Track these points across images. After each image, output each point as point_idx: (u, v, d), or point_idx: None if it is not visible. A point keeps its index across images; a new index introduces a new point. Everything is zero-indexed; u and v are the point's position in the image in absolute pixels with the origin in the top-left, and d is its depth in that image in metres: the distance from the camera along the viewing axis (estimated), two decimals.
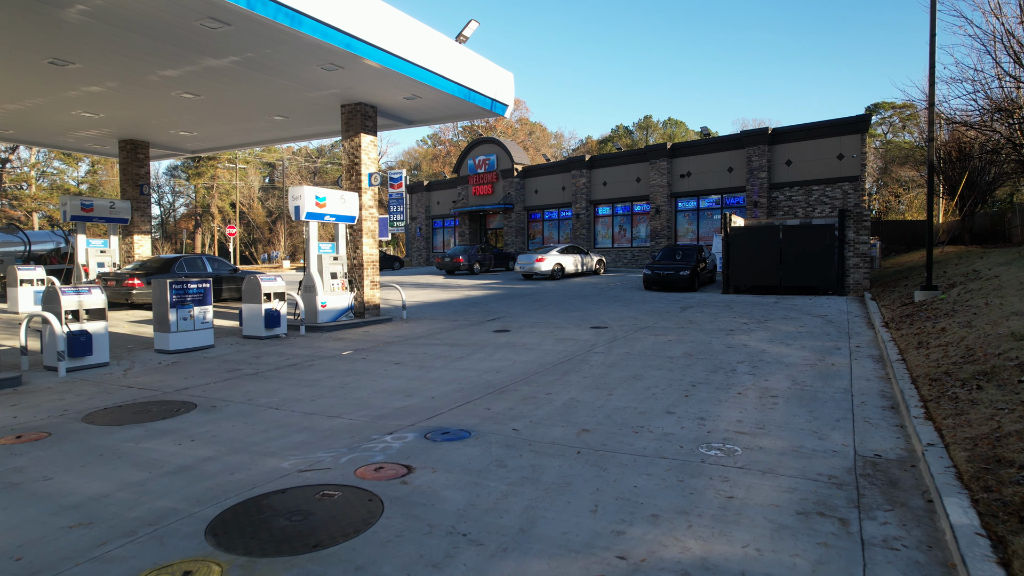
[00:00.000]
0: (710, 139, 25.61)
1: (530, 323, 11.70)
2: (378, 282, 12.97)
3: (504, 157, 33.84)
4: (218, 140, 16.16)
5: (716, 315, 12.18)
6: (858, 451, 4.33)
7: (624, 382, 6.59)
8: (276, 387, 6.81)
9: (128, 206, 15.66)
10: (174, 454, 4.52)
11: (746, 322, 11.13)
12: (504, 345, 9.24)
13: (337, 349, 9.40)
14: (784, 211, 23.30)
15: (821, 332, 9.72)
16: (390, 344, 9.77)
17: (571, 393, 6.15)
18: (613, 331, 10.37)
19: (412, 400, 6.05)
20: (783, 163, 23.44)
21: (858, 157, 21.50)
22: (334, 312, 11.75)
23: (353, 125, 12.51)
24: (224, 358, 8.74)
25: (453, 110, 13.14)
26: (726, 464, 4.10)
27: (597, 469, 4.05)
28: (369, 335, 10.86)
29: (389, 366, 7.90)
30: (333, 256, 11.86)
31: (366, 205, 12.62)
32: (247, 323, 10.62)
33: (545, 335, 10.12)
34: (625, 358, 7.94)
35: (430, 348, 9.23)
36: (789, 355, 7.90)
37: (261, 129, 14.82)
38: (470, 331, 10.90)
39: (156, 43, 8.88)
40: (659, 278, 17.86)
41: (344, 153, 12.70)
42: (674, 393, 6.07)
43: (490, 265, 27.85)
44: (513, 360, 8.03)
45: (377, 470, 4.06)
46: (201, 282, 9.42)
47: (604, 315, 12.59)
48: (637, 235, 28.72)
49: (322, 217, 11.56)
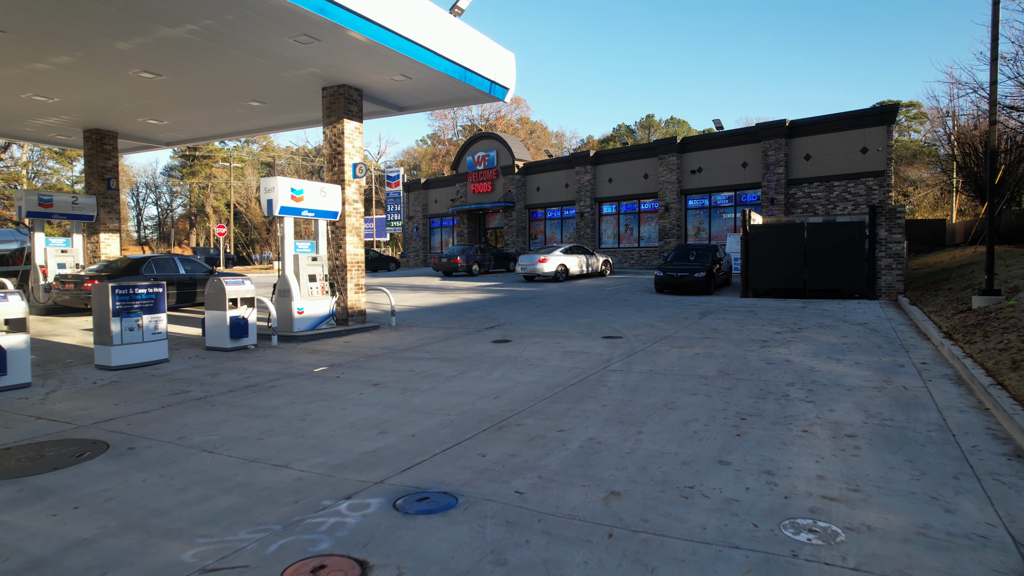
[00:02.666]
0: (723, 132, 24.09)
1: (533, 332, 10.39)
2: (363, 285, 11.64)
3: (504, 153, 32.44)
4: (193, 130, 14.83)
5: (742, 322, 10.86)
6: (1015, 536, 3.00)
7: (654, 412, 5.26)
8: (221, 418, 5.49)
9: (93, 202, 14.32)
10: (35, 535, 3.20)
11: (778, 331, 9.81)
12: (504, 360, 7.92)
13: (310, 364, 8.08)
14: (803, 208, 21.89)
15: (870, 344, 8.39)
16: (373, 358, 8.45)
17: (589, 430, 4.83)
18: (629, 342, 9.05)
19: (386, 440, 4.73)
20: (801, 158, 22.01)
21: (884, 151, 20.04)
22: (312, 320, 10.43)
23: (335, 110, 11.19)
24: (174, 376, 7.41)
25: (448, 93, 11.82)
26: (832, 562, 2.77)
27: (641, 570, 2.73)
28: (350, 346, 9.54)
29: (366, 388, 6.58)
30: (312, 256, 10.54)
31: (350, 199, 11.30)
32: (210, 333, 9.30)
33: (551, 347, 8.80)
34: (649, 378, 6.62)
35: (418, 363, 7.91)
36: (845, 375, 6.58)
37: (237, 117, 13.50)
38: (466, 341, 9.58)
39: (94, 3, 7.57)
40: (672, 280, 16.51)
41: (326, 141, 11.38)
42: (721, 430, 4.75)
43: (489, 266, 26.51)
44: (515, 380, 6.71)
45: (315, 573, 2.74)
46: (152, 286, 8.10)
47: (616, 322, 11.27)
48: (644, 234, 27.29)
49: (299, 212, 10.23)
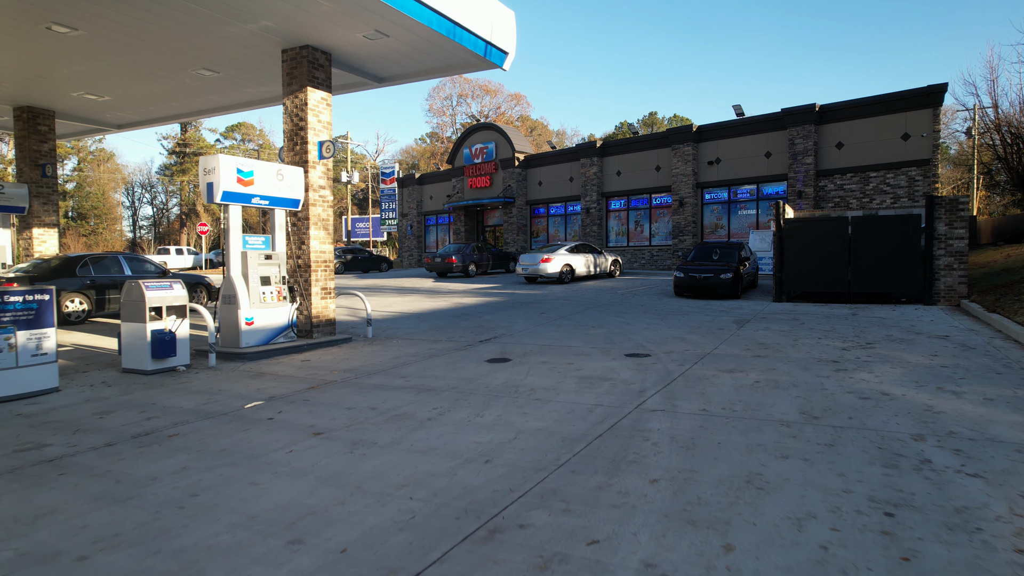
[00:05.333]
0: (744, 119, 21.96)
1: (538, 346, 8.40)
2: (333, 289, 9.64)
3: (504, 145, 30.39)
4: (142, 108, 12.83)
5: (791, 334, 8.87)
6: None
7: (736, 498, 3.27)
8: (53, 504, 3.50)
9: (25, 192, 12.33)
10: None
11: (843, 346, 7.82)
12: (502, 391, 5.93)
13: (245, 396, 6.09)
14: (834, 203, 19.82)
15: (978, 367, 6.40)
16: (329, 386, 6.46)
17: (641, 541, 2.83)
18: (661, 362, 7.06)
19: (296, 562, 2.73)
20: (833, 146, 19.93)
21: (929, 136, 17.97)
22: (265, 332, 8.43)
23: (297, 76, 9.19)
24: (46, 418, 5.41)
25: (435, 58, 9.83)
26: None
27: None
28: (307, 367, 7.54)
29: (302, 440, 4.58)
30: (265, 254, 8.54)
31: (315, 184, 9.30)
32: (127, 351, 7.31)
33: (562, 370, 6.81)
34: (706, 425, 4.63)
35: (386, 396, 5.91)
36: (988, 420, 4.58)
37: (190, 91, 11.50)
38: (453, 360, 7.59)
39: None
40: (695, 282, 14.50)
41: (286, 115, 9.39)
42: (863, 541, 2.75)
43: (487, 266, 24.50)
44: (515, 428, 4.72)
45: None
46: (31, 293, 6.10)
47: (637, 334, 9.28)
48: (656, 232, 25.21)
49: (248, 199, 8.24)
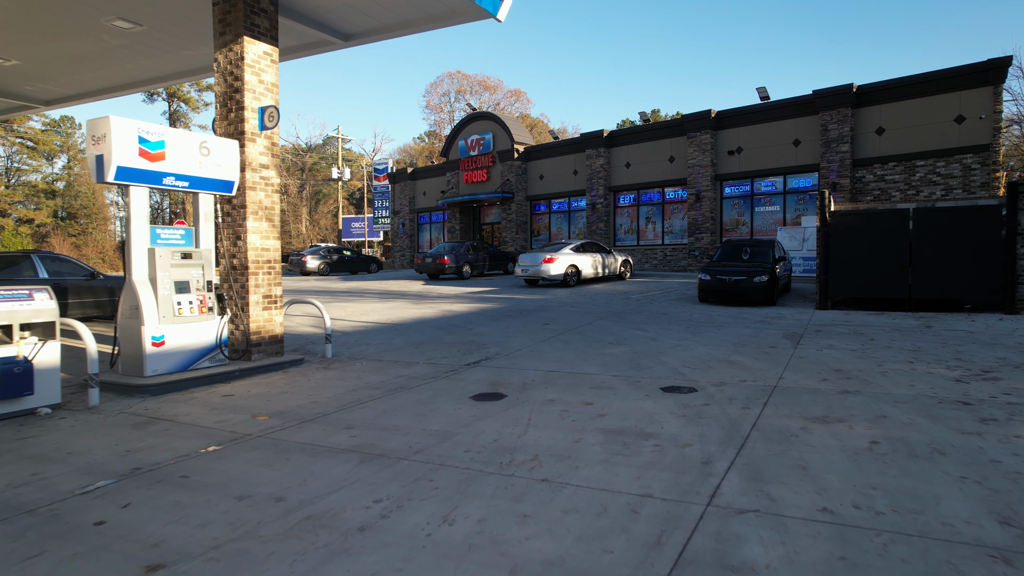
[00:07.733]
0: (770, 103, 19.74)
1: (542, 374, 6.31)
2: (279, 296, 7.55)
3: (502, 136, 28.27)
4: (65, 79, 10.73)
5: (870, 356, 6.79)
6: None
7: None
8: None
9: None
10: None
11: (955, 376, 5.76)
12: (488, 461, 3.84)
13: (97, 468, 4.00)
14: (874, 195, 17.70)
15: None
16: (236, 445, 4.36)
17: None
18: (716, 403, 4.98)
19: None
20: (872, 132, 17.79)
21: (989, 119, 15.86)
22: (181, 355, 6.34)
23: (232, 23, 7.11)
24: None
25: (413, 3, 7.74)
26: None
27: None
28: (225, 407, 5.45)
29: None
30: (182, 252, 6.46)
31: (255, 163, 7.21)
32: None
33: (578, 415, 4.72)
34: (845, 551, 2.53)
35: (310, 471, 3.82)
36: None
37: (115, 54, 9.42)
38: (427, 398, 5.50)
39: None
40: (725, 286, 12.41)
41: (218, 74, 7.30)
42: None
43: (484, 268, 22.41)
44: (508, 561, 2.62)
45: None
46: None
47: (669, 353, 7.20)
48: (670, 229, 23.02)
49: (157, 179, 6.16)
